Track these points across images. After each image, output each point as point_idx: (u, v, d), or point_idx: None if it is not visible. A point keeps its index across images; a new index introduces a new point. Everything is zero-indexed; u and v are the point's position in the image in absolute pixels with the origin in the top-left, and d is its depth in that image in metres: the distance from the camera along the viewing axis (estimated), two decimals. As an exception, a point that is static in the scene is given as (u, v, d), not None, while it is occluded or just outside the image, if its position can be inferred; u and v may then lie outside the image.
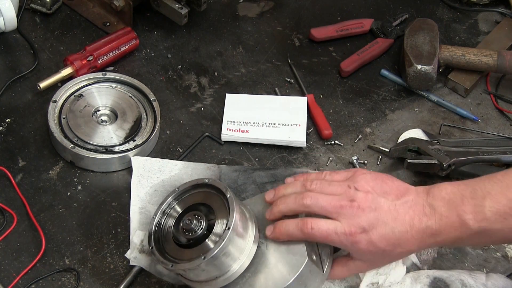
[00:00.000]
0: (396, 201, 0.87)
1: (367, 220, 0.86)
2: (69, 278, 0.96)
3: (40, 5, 1.27)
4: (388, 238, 0.86)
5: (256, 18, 1.36)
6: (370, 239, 0.86)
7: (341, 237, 0.86)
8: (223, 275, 0.87)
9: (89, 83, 1.14)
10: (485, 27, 1.41)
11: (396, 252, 0.87)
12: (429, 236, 0.85)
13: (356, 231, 0.85)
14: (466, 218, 0.83)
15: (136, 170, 1.06)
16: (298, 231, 0.87)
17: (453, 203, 0.85)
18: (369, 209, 0.86)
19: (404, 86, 1.28)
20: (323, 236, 0.86)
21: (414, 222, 0.86)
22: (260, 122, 1.17)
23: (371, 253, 0.87)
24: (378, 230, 0.86)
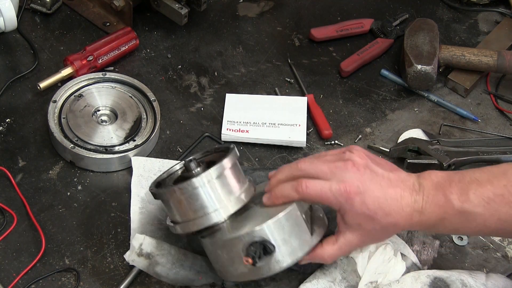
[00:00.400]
0: (389, 173, 0.89)
1: (361, 179, 0.87)
2: (69, 278, 0.96)
3: (40, 5, 1.27)
4: (380, 201, 0.86)
5: (256, 18, 1.36)
6: (363, 199, 0.86)
7: (335, 194, 0.86)
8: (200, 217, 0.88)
9: (89, 83, 1.14)
10: (485, 27, 1.41)
11: (385, 221, 0.87)
12: (416, 211, 0.86)
13: (350, 189, 0.86)
14: (451, 197, 0.85)
15: (136, 170, 1.06)
16: (293, 191, 0.88)
17: (440, 185, 0.87)
18: (364, 170, 0.87)
19: (404, 86, 1.28)
20: (317, 194, 0.87)
21: (404, 194, 0.87)
22: (260, 122, 1.17)
23: (362, 216, 0.87)
24: (371, 191, 0.86)
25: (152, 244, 0.93)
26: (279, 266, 0.88)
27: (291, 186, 0.89)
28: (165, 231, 1.00)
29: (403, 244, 0.99)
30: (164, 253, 0.93)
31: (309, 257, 0.90)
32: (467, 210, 0.85)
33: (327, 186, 0.87)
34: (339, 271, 0.95)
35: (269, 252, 0.86)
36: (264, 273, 0.88)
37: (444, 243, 1.05)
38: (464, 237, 1.06)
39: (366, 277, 0.93)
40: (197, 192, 0.88)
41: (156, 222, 1.01)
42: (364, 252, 0.94)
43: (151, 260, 0.92)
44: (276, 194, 0.90)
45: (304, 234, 0.89)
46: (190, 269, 0.94)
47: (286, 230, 0.87)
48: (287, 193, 0.89)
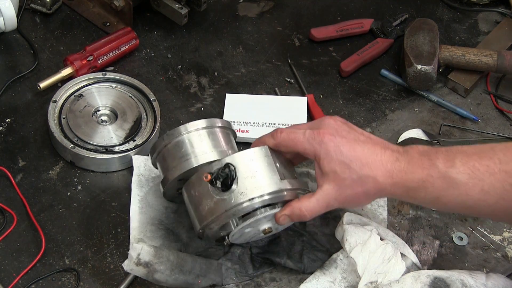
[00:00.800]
0: (370, 134, 0.89)
1: (337, 128, 0.87)
2: (69, 278, 0.96)
3: (40, 5, 1.27)
4: (357, 151, 0.85)
5: (256, 18, 1.36)
6: (339, 145, 0.85)
7: (309, 138, 0.86)
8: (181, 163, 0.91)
9: (89, 83, 1.14)
10: (485, 27, 1.41)
11: (362, 172, 0.85)
12: (398, 170, 0.85)
13: (325, 133, 0.86)
14: (436, 162, 0.84)
15: (137, 169, 1.06)
16: (269, 137, 0.90)
17: (426, 152, 0.86)
18: (341, 123, 0.88)
19: (404, 86, 1.28)
20: (291, 138, 0.88)
21: (385, 152, 0.86)
22: (260, 122, 1.17)
23: (338, 163, 0.85)
24: (348, 140, 0.86)
25: (150, 253, 0.92)
26: (243, 198, 0.86)
27: (268, 135, 0.91)
28: (164, 231, 1.00)
29: (403, 244, 0.99)
30: (163, 261, 0.93)
31: (286, 210, 0.88)
32: (451, 176, 0.83)
33: (301, 132, 0.87)
34: (339, 271, 0.95)
35: (231, 178, 0.86)
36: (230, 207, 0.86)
37: (444, 243, 1.05)
38: (464, 237, 1.06)
39: (366, 277, 0.93)
40: (183, 138, 0.91)
41: (156, 222, 1.01)
42: (364, 252, 0.94)
43: (149, 268, 0.92)
44: (256, 143, 0.92)
45: (273, 175, 0.88)
46: (189, 273, 0.94)
47: (254, 165, 0.87)
48: (263, 140, 0.91)
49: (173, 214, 1.02)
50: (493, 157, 0.83)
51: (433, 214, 1.08)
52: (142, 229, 1.00)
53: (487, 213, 0.89)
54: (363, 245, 0.95)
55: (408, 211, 1.08)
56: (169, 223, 1.01)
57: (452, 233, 1.07)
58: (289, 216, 0.89)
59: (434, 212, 1.09)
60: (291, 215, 0.88)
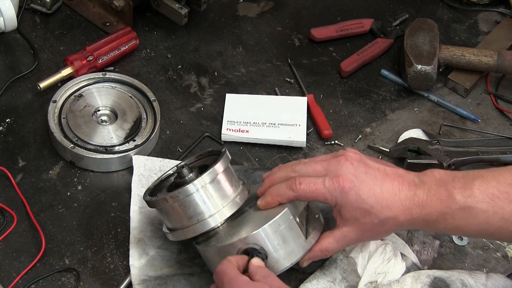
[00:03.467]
0: (386, 167, 0.87)
1: (355, 173, 0.85)
2: (69, 278, 0.96)
3: (40, 5, 1.27)
4: (376, 194, 0.84)
5: (256, 18, 1.36)
6: (358, 191, 0.84)
7: (329, 189, 0.85)
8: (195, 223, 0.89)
9: (89, 83, 1.14)
10: (485, 27, 1.41)
11: (383, 215, 0.85)
12: (416, 205, 0.84)
13: (344, 183, 0.85)
14: (454, 192, 0.83)
15: (137, 169, 1.06)
16: (288, 189, 0.87)
17: (443, 180, 0.85)
18: (358, 164, 0.86)
19: (404, 86, 1.28)
20: (311, 190, 0.86)
21: (403, 187, 0.85)
22: (260, 122, 1.17)
23: (358, 210, 0.85)
24: (366, 184, 0.85)
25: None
26: (277, 268, 0.88)
27: (285, 185, 0.88)
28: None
29: (403, 244, 0.99)
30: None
31: (307, 257, 0.90)
32: (470, 206, 0.83)
33: (320, 181, 0.86)
34: (339, 271, 0.95)
35: (262, 259, 0.86)
36: None
37: (444, 243, 1.05)
38: (464, 237, 1.06)
39: (366, 277, 0.93)
40: (191, 198, 0.88)
41: (156, 222, 1.01)
42: (364, 252, 0.94)
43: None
44: (271, 193, 0.89)
45: (298, 238, 0.88)
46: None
47: (279, 236, 0.87)
48: (282, 192, 0.88)
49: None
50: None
51: (433, 214, 1.08)
52: (142, 229, 1.00)
53: (509, 238, 0.90)
54: (363, 245, 0.95)
55: (408, 211, 1.08)
56: (169, 223, 1.01)
57: (452, 233, 1.07)
58: (312, 259, 0.91)
59: (434, 212, 1.09)
60: (313, 259, 0.91)
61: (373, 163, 0.88)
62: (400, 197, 0.85)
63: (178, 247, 0.99)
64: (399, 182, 0.86)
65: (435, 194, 0.84)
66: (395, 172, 0.87)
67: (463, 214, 0.84)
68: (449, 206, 0.84)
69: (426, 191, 0.85)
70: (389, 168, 0.88)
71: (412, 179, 0.86)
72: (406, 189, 0.85)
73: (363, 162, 0.87)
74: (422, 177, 0.87)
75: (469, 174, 0.85)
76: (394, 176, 0.86)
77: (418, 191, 0.85)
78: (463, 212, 0.83)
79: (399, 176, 0.87)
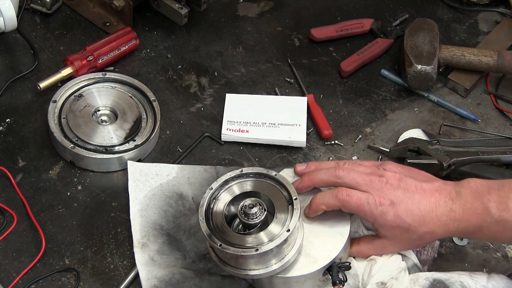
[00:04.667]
0: (423, 183, 0.91)
1: (395, 194, 0.90)
2: (69, 278, 0.96)
3: (40, 5, 1.27)
4: (414, 213, 0.89)
5: (256, 18, 1.36)
6: (397, 212, 0.89)
7: (371, 206, 0.89)
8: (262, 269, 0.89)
9: (89, 83, 1.14)
10: (485, 27, 1.41)
11: (421, 231, 0.89)
12: (453, 220, 0.88)
13: (385, 202, 0.89)
14: (489, 206, 0.86)
15: (132, 175, 1.06)
16: (334, 199, 0.91)
17: (479, 192, 0.88)
18: (397, 185, 0.91)
19: (404, 86, 1.28)
20: (357, 204, 0.90)
21: (440, 203, 0.89)
22: (260, 122, 1.17)
23: (397, 228, 0.90)
24: (405, 204, 0.89)
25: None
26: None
27: (330, 194, 0.92)
28: (166, 237, 1.00)
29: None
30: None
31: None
32: (505, 219, 0.86)
33: (365, 197, 0.90)
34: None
35: (348, 268, 0.92)
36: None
37: (444, 243, 1.05)
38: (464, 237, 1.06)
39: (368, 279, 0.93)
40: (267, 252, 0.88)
41: (158, 227, 1.01)
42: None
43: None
44: (317, 202, 0.93)
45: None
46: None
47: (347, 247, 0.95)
48: (327, 201, 0.92)
49: (172, 218, 1.03)
50: None
51: (433, 214, 1.08)
52: (145, 233, 1.00)
53: None
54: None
55: (408, 211, 1.08)
56: (169, 228, 1.01)
57: (452, 233, 1.06)
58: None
59: (434, 212, 1.09)
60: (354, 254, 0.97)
61: (411, 181, 0.92)
62: (437, 213, 0.89)
63: (182, 253, 0.99)
64: (435, 198, 0.90)
65: (470, 208, 0.88)
66: (431, 188, 0.91)
67: (499, 227, 0.87)
68: (484, 219, 0.87)
69: (462, 205, 0.89)
70: (427, 184, 0.91)
71: (449, 192, 0.90)
72: (442, 205, 0.89)
73: (402, 181, 0.91)
74: (459, 189, 0.90)
75: (505, 186, 0.88)
76: (431, 192, 0.91)
77: (454, 206, 0.89)
78: (499, 225, 0.87)
79: (435, 191, 0.91)
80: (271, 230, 0.89)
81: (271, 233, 0.88)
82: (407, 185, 0.91)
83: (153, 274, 0.95)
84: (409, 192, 0.90)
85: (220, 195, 0.94)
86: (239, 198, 0.93)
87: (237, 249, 0.87)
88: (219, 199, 0.94)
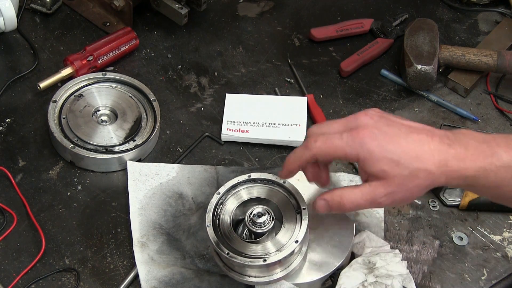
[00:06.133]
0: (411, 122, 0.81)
1: (376, 125, 0.79)
2: (69, 278, 0.96)
3: (40, 5, 1.27)
4: (402, 145, 0.78)
5: (256, 18, 1.36)
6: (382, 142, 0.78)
7: (348, 142, 0.79)
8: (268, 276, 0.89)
9: (89, 83, 1.14)
10: (485, 27, 1.41)
11: (414, 166, 0.78)
12: (453, 157, 0.78)
13: (364, 133, 0.78)
14: (498, 150, 0.78)
15: (132, 175, 1.06)
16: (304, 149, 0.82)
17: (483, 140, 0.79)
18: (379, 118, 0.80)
19: (404, 86, 1.28)
20: (329, 146, 0.80)
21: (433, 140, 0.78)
22: (260, 122, 1.17)
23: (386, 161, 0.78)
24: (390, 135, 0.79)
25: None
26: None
27: (301, 147, 0.83)
28: (166, 236, 1.00)
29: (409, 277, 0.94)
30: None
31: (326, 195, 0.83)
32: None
33: (337, 136, 0.80)
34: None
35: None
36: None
37: (444, 243, 1.05)
38: (464, 237, 1.06)
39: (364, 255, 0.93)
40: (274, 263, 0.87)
41: (157, 227, 1.01)
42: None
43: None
44: (289, 159, 0.85)
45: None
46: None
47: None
48: (299, 155, 0.83)
49: (172, 218, 1.03)
50: None
51: (433, 214, 1.08)
52: (145, 232, 1.00)
53: None
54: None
55: (408, 211, 1.08)
56: (169, 228, 1.01)
57: (452, 233, 1.07)
58: (328, 202, 0.83)
59: (434, 212, 1.09)
60: (330, 201, 0.83)
61: (395, 118, 0.82)
62: (431, 148, 0.78)
63: (181, 253, 0.99)
64: (427, 135, 0.79)
65: (476, 148, 0.78)
66: (421, 126, 0.81)
67: (508, 173, 0.77)
68: (492, 162, 0.77)
69: (465, 144, 0.78)
70: (415, 123, 0.81)
71: (443, 133, 0.80)
72: (437, 140, 0.79)
73: (384, 117, 0.81)
74: (456, 133, 0.80)
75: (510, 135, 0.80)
76: (421, 128, 0.80)
77: (453, 144, 0.78)
78: (508, 171, 0.77)
79: (426, 129, 0.80)
80: (279, 239, 0.88)
81: (279, 243, 0.88)
82: (391, 119, 0.80)
83: (153, 275, 0.95)
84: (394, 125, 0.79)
85: (227, 200, 0.94)
86: (246, 204, 0.93)
87: (245, 259, 0.86)
88: (226, 204, 0.93)
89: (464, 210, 1.09)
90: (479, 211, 1.09)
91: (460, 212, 1.09)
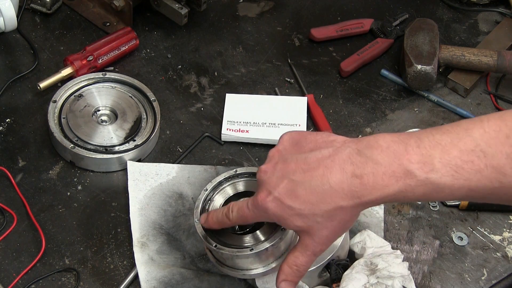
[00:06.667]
0: (308, 154, 0.76)
1: (270, 182, 0.77)
2: (69, 278, 0.96)
3: (40, 5, 1.27)
4: (300, 195, 0.75)
5: (256, 18, 1.36)
6: (276, 197, 0.75)
7: (253, 210, 0.79)
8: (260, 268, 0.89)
9: (89, 83, 1.14)
10: (485, 27, 1.41)
11: (324, 210, 0.74)
12: (362, 188, 0.72)
13: (260, 196, 0.77)
14: (411, 168, 0.71)
15: (132, 175, 1.06)
16: (226, 220, 0.84)
17: (393, 152, 0.72)
18: (273, 171, 0.77)
19: (404, 86, 1.28)
20: (241, 216, 0.81)
21: (333, 170, 0.73)
22: (260, 122, 1.17)
23: (296, 218, 0.76)
24: (282, 186, 0.75)
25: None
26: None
27: (221, 214, 0.85)
28: (166, 236, 1.00)
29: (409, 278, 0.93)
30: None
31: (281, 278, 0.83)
32: (433, 182, 0.71)
33: (245, 205, 0.80)
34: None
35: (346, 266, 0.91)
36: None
37: (444, 243, 1.05)
38: (464, 237, 1.06)
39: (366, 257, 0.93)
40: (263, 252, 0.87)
41: (157, 227, 1.01)
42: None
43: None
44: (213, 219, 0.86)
45: None
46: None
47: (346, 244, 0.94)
48: (221, 220, 0.85)
49: (172, 218, 1.03)
50: (475, 149, 0.69)
51: (433, 214, 1.08)
52: (145, 232, 1.00)
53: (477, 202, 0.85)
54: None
55: (408, 211, 1.08)
56: (169, 228, 1.01)
57: (452, 233, 1.07)
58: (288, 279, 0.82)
59: (434, 212, 1.09)
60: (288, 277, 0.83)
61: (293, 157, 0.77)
62: (334, 182, 0.73)
63: (181, 253, 0.99)
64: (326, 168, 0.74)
65: (386, 172, 0.72)
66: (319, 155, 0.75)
67: (426, 189, 0.72)
68: (407, 183, 0.72)
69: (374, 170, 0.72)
70: (312, 154, 0.76)
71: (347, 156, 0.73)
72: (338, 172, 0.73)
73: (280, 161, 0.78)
74: (362, 149, 0.73)
75: (423, 141, 0.72)
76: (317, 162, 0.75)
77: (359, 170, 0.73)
78: (426, 188, 0.71)
79: (326, 158, 0.74)
80: (267, 229, 0.88)
81: (267, 232, 0.88)
82: (286, 165, 0.77)
83: (153, 276, 0.95)
84: (287, 173, 0.76)
85: (215, 197, 0.94)
86: (234, 199, 0.93)
87: (232, 249, 0.86)
88: (214, 200, 0.94)
89: (464, 210, 1.09)
90: (479, 211, 1.09)
91: (460, 212, 1.09)
